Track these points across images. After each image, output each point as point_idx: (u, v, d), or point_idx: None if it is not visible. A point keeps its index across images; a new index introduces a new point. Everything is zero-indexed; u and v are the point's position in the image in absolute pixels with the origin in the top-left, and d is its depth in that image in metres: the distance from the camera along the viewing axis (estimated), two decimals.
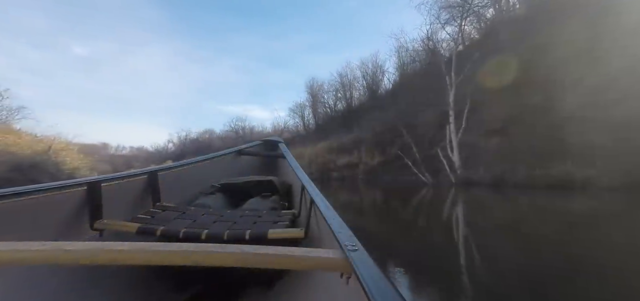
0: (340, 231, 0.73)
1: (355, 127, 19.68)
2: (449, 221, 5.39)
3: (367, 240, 0.65)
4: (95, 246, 0.64)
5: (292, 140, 25.70)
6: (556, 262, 2.79)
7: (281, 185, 1.90)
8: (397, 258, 3.03)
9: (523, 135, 10.36)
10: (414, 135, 13.37)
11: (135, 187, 1.40)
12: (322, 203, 1.01)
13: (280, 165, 2.57)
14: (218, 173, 2.07)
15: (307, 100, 28.74)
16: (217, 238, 1.07)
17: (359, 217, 5.69)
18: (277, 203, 1.64)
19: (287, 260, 0.63)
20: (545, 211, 6.09)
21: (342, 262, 0.61)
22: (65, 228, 1.03)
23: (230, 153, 2.43)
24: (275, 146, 2.73)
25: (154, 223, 1.16)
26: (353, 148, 17.60)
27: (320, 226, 1.02)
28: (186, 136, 36.39)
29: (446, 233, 4.35)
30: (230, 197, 1.74)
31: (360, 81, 25.08)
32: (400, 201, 8.67)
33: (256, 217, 1.31)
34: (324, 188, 12.87)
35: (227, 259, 0.62)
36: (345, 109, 25.48)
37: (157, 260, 0.62)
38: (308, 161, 19.48)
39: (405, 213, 6.48)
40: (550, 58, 10.43)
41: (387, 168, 15.03)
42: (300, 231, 1.10)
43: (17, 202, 0.90)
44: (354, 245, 0.63)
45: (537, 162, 9.09)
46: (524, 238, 3.93)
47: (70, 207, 1.06)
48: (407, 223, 5.30)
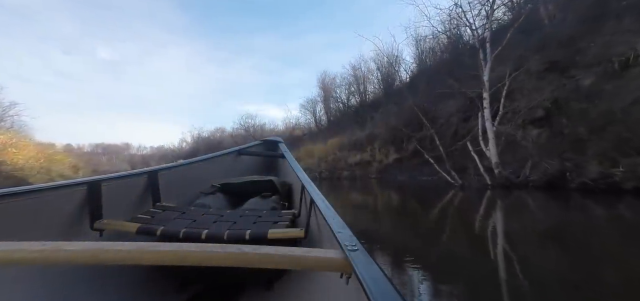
0: (340, 231, 0.74)
1: (369, 123, 17.91)
2: (516, 248, 3.40)
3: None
4: (95, 246, 0.65)
5: (302, 137, 24.22)
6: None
7: (281, 185, 1.91)
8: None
9: (574, 124, 8.14)
10: (435, 129, 11.31)
11: (135, 186, 1.42)
12: (322, 203, 1.02)
13: (280, 165, 2.59)
14: (218, 173, 2.08)
15: (318, 95, 27.11)
16: (217, 238, 1.08)
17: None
18: (277, 203, 1.64)
19: (287, 260, 0.64)
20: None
21: (342, 262, 0.62)
22: (65, 228, 1.05)
23: (230, 153, 2.41)
24: (275, 146, 2.73)
25: (154, 223, 1.18)
26: (366, 145, 16.40)
27: (320, 226, 1.05)
28: (199, 134, 36.11)
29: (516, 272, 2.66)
30: (230, 197, 1.77)
31: (375, 74, 23.13)
32: (422, 207, 6.71)
33: (256, 217, 1.32)
34: (334, 188, 11.21)
35: (227, 259, 0.63)
36: (358, 104, 23.71)
37: (157, 260, 0.63)
38: (317, 159, 17.85)
39: (441, 232, 4.48)
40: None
41: (403, 167, 13.61)
42: (300, 231, 1.11)
43: (17, 202, 0.92)
44: (354, 245, 0.63)
45: (606, 157, 6.82)
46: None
47: (70, 207, 1.08)
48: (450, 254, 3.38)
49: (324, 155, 18.17)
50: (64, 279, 0.99)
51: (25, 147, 13.94)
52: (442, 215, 5.71)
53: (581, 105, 8.66)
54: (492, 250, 3.35)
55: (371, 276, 0.50)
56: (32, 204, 0.96)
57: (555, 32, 10.75)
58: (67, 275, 0.99)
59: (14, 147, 13.22)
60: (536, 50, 10.69)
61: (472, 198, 7.54)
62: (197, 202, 1.62)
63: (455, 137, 12.03)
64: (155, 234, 1.11)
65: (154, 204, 1.45)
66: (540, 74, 10.26)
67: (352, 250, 0.61)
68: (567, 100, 9.14)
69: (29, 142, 14.68)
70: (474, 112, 11.15)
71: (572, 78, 9.36)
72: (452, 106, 12.79)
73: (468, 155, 10.05)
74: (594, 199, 5.96)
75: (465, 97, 11.50)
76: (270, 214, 1.39)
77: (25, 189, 0.95)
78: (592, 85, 8.86)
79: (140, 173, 1.49)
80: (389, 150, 15.27)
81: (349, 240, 0.67)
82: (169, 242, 0.76)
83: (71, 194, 1.09)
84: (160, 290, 1.26)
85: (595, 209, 5.35)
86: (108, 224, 1.13)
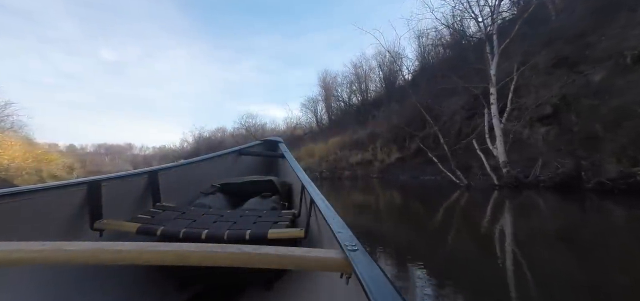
0: (340, 231, 0.74)
1: (371, 121, 17.58)
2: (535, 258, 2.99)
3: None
4: (95, 246, 0.65)
5: (303, 137, 23.88)
6: None
7: (281, 185, 1.90)
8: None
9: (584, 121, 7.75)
10: (438, 127, 10.94)
11: (135, 187, 1.42)
12: (322, 203, 1.03)
13: (280, 165, 2.59)
14: (218, 173, 2.08)
15: (319, 94, 26.78)
16: (217, 238, 1.08)
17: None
18: (277, 203, 1.64)
19: (287, 260, 0.64)
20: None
21: (342, 262, 0.62)
22: (65, 228, 1.06)
23: (231, 154, 2.40)
24: (276, 146, 2.70)
25: (154, 223, 1.18)
26: (368, 144, 16.11)
27: (320, 226, 1.06)
28: (200, 134, 36.05)
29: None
30: (231, 197, 1.76)
31: (377, 72, 22.80)
32: (427, 208, 6.36)
33: (256, 217, 1.32)
34: (335, 188, 10.89)
35: (227, 259, 0.63)
36: (360, 102, 23.43)
37: (157, 260, 0.64)
38: (318, 159, 17.54)
39: (451, 238, 4.06)
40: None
41: (405, 166, 13.34)
42: (300, 231, 1.11)
43: (17, 202, 0.92)
44: (354, 245, 0.63)
45: (624, 155, 6.41)
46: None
47: (70, 207, 1.08)
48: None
49: (325, 155, 18.12)
50: (64, 279, 1.00)
51: (11, 147, 13.49)
52: (447, 217, 5.37)
53: (591, 101, 8.32)
54: (503, 255, 3.11)
55: (371, 276, 0.50)
56: (32, 204, 0.97)
57: (564, 26, 10.43)
58: (67, 275, 1.01)
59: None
60: (543, 45, 10.38)
61: (479, 198, 7.19)
62: (197, 202, 1.62)
63: (459, 135, 11.70)
64: (155, 234, 1.11)
65: (154, 204, 1.46)
66: (548, 69, 9.94)
67: (352, 250, 0.61)
68: (576, 97, 8.80)
69: (14, 141, 14.14)
70: (478, 110, 10.83)
71: (582, 73, 9.03)
72: (455, 103, 12.47)
73: (473, 154, 9.71)
74: (613, 200, 5.59)
75: (470, 94, 11.16)
76: (270, 214, 1.39)
77: (25, 189, 0.96)
78: (603, 81, 8.52)
79: (140, 173, 1.50)
80: (391, 149, 15.13)
81: (349, 240, 0.67)
82: (169, 242, 0.76)
83: (71, 194, 1.10)
84: (160, 290, 1.27)
85: (615, 210, 5.00)
86: (108, 224, 1.14)
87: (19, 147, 13.95)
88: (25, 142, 14.97)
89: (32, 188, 0.97)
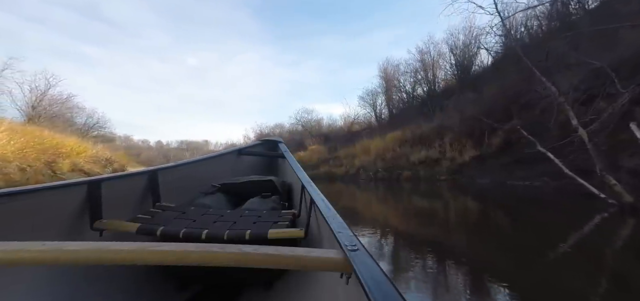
0: (340, 231, 0.73)
1: (438, 114, 14.77)
2: None
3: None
4: (95, 246, 0.64)
5: (359, 133, 21.69)
6: None
7: (281, 185, 1.92)
8: None
9: None
10: (530, 121, 8.03)
11: (135, 186, 1.41)
12: (322, 203, 1.02)
13: (281, 165, 2.60)
14: (218, 173, 2.06)
15: (379, 86, 24.16)
16: (217, 238, 1.08)
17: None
18: (277, 203, 1.64)
19: (287, 260, 0.63)
20: None
21: (342, 262, 0.61)
22: (65, 228, 1.05)
23: (231, 153, 2.40)
24: (276, 146, 2.68)
25: (154, 223, 1.17)
26: (433, 139, 13.46)
27: (321, 226, 1.05)
28: (261, 131, 37.08)
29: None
30: (231, 197, 1.76)
31: (448, 57, 19.50)
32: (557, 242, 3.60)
33: (256, 217, 1.32)
34: (389, 194, 8.69)
35: (227, 259, 0.62)
36: (425, 93, 20.42)
37: (157, 260, 0.63)
38: (374, 156, 15.29)
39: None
40: None
41: (485, 166, 10.65)
42: (300, 231, 1.10)
43: (17, 202, 0.91)
44: (354, 245, 0.63)
45: None
46: None
47: (70, 207, 1.07)
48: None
49: (381, 152, 15.45)
50: (63, 279, 0.99)
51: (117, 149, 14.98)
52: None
53: None
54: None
55: (371, 276, 0.50)
56: (32, 204, 0.96)
57: None
58: (67, 275, 1.00)
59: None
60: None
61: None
62: (197, 202, 1.61)
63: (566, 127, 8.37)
64: (155, 234, 1.10)
65: (154, 204, 1.45)
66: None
67: (352, 250, 0.61)
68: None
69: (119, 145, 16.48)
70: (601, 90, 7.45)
71: None
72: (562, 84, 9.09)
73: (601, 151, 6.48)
74: None
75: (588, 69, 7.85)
76: (270, 214, 1.38)
77: (25, 189, 0.95)
78: None
79: (140, 173, 1.50)
80: (465, 145, 12.23)
81: (349, 240, 0.66)
82: (169, 242, 0.75)
83: (71, 194, 1.09)
84: (160, 290, 1.27)
85: None
86: (108, 224, 1.13)
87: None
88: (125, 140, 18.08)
89: (32, 188, 0.96)
